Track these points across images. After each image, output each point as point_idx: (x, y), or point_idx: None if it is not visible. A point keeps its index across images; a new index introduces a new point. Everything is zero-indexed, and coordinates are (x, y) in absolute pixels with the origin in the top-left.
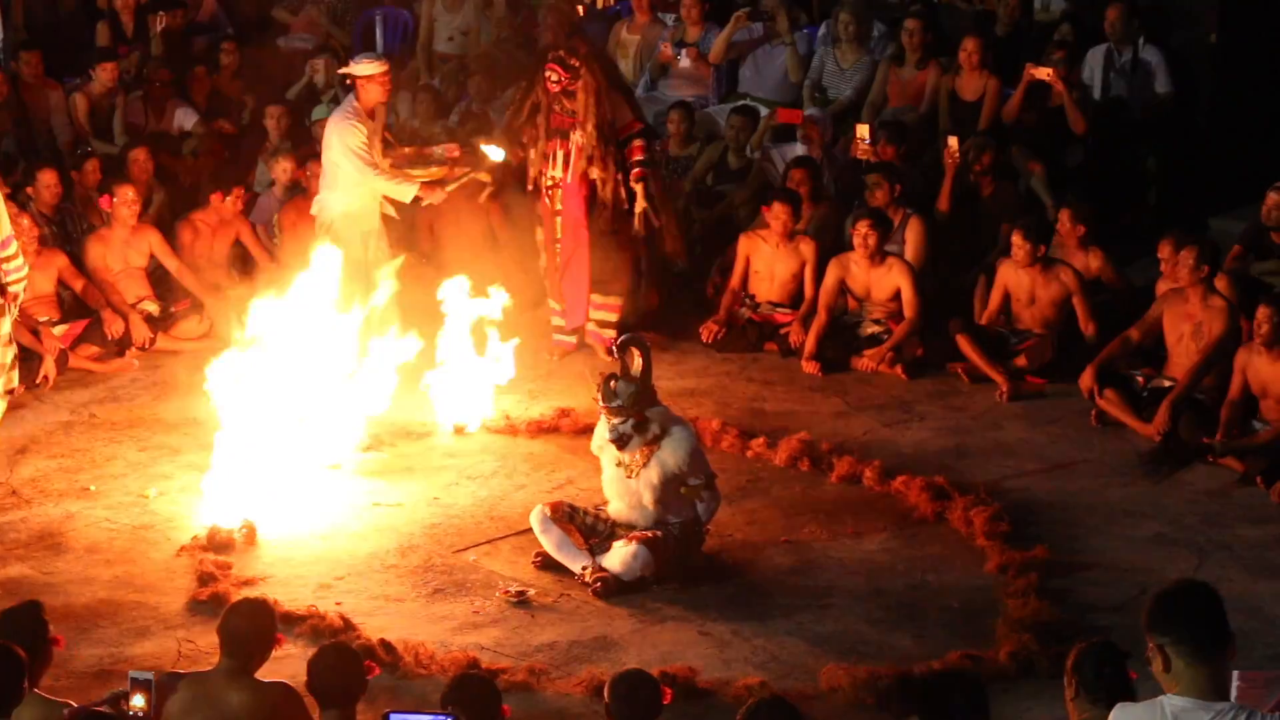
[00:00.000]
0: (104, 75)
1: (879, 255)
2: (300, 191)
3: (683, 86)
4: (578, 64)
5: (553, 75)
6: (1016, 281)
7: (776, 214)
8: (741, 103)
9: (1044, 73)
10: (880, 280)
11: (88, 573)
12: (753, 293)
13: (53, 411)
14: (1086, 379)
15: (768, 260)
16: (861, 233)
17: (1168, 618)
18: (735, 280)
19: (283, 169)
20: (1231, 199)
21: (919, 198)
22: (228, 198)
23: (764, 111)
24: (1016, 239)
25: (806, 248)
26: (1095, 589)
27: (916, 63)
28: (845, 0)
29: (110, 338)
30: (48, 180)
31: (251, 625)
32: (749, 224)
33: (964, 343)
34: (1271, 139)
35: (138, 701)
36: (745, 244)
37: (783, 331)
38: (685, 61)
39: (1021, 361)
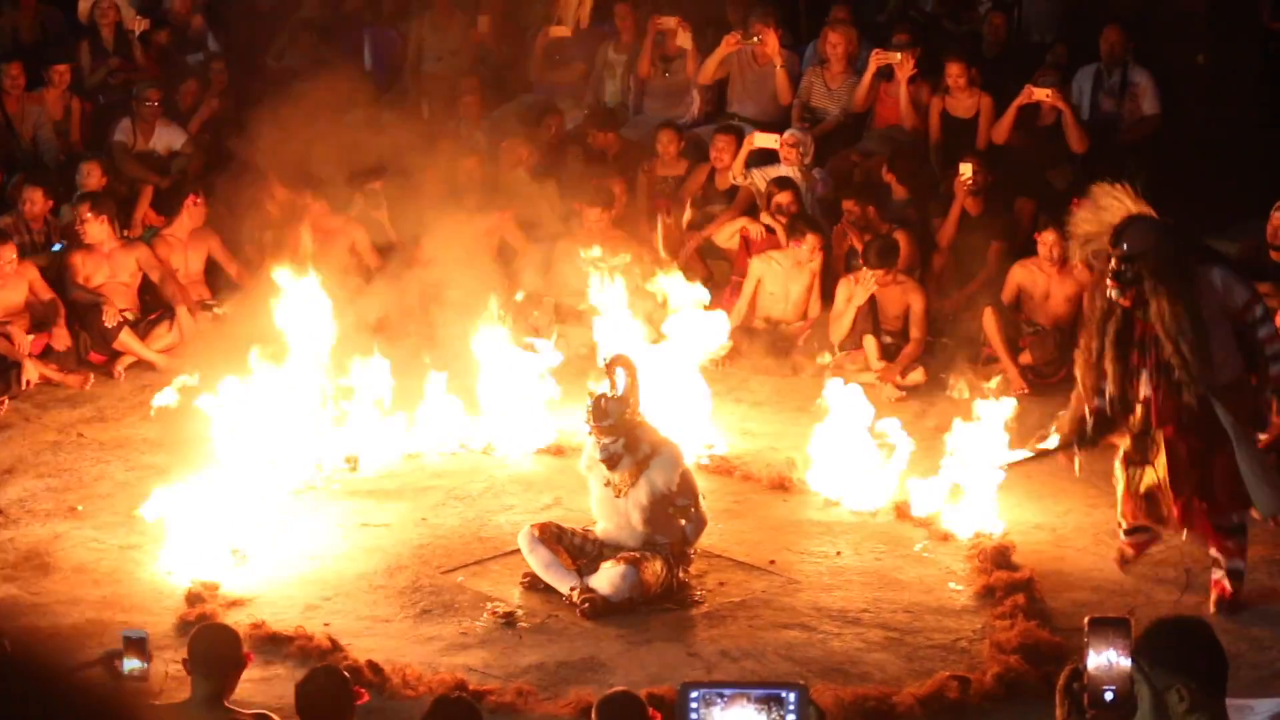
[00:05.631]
0: (58, 78)
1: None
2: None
3: (663, 105)
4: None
5: (1113, 291)
6: (1032, 280)
7: (794, 247)
8: (728, 123)
9: (1044, 93)
10: (893, 297)
11: (75, 593)
12: (765, 315)
13: (40, 431)
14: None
15: (781, 280)
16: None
17: (1182, 656)
18: (745, 303)
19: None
20: (1220, 220)
21: (905, 214)
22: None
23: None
24: (1050, 237)
25: (814, 260)
26: (1082, 611)
27: (905, 81)
28: (833, 20)
29: (57, 349)
30: (34, 197)
31: (215, 650)
32: (734, 245)
33: (990, 317)
34: (1259, 160)
35: (134, 664)
36: (758, 267)
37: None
38: (685, 39)
39: (1026, 359)
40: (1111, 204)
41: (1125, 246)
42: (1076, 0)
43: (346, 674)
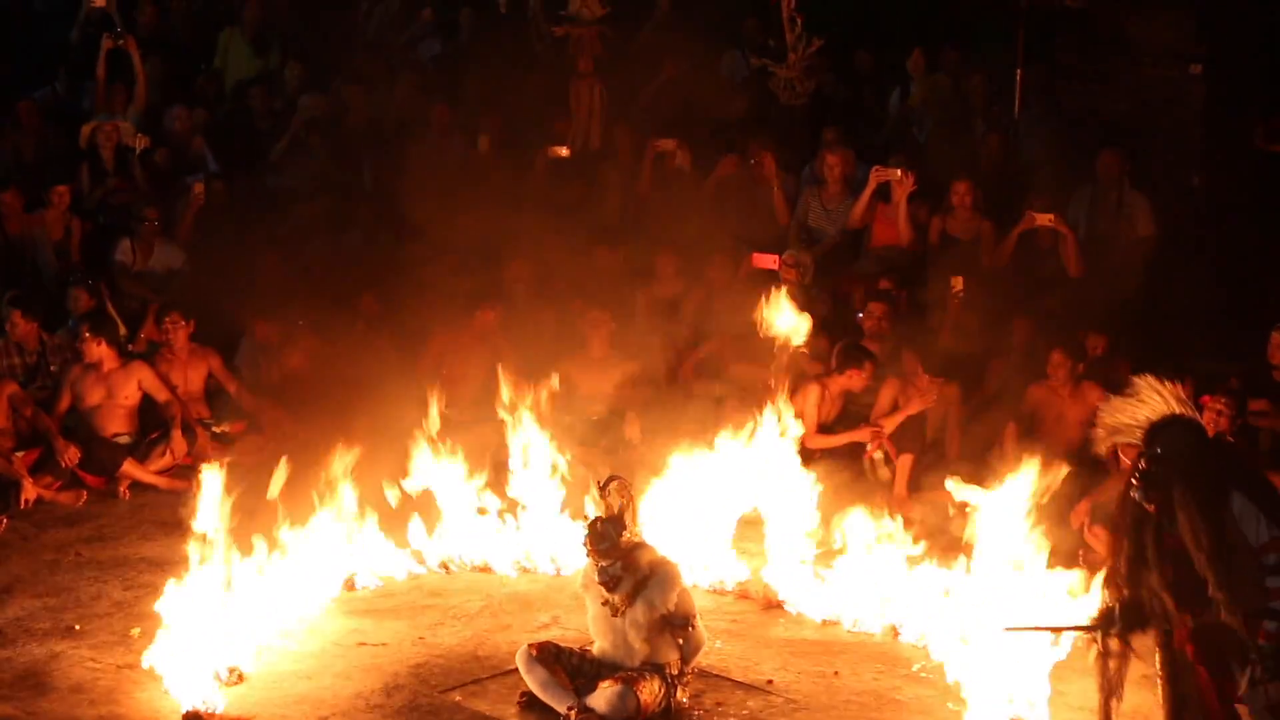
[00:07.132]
0: (58, 199)
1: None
2: None
3: (661, 225)
4: None
5: (1137, 492)
6: (1047, 402)
7: (853, 376)
8: (725, 243)
9: (1046, 218)
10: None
11: (72, 713)
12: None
13: (38, 550)
14: (1079, 514)
15: (828, 406)
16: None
17: None
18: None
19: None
20: (1218, 341)
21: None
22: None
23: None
24: (1057, 357)
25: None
26: None
27: (904, 199)
28: (829, 142)
29: (64, 465)
30: (16, 320)
31: None
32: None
33: (1012, 434)
34: (1256, 281)
35: None
36: (815, 392)
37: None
38: (684, 159)
39: None
40: (1153, 399)
41: (1160, 448)
42: (1072, 122)
43: None
